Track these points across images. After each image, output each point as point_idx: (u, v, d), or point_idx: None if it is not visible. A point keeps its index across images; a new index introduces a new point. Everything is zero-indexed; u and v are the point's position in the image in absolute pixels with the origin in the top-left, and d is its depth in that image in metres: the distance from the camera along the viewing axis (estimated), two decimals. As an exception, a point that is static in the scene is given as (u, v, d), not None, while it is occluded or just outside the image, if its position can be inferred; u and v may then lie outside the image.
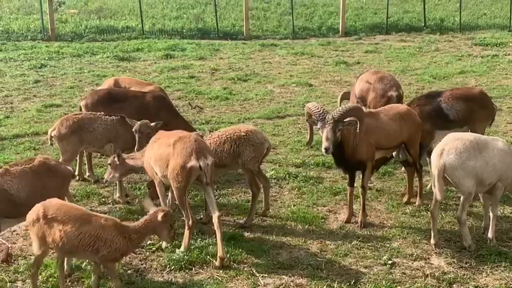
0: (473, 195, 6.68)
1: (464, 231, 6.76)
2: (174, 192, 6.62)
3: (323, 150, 6.89)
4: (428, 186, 8.33)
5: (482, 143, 6.65)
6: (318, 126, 6.95)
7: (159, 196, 7.06)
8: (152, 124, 7.77)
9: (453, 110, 8.32)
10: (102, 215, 5.90)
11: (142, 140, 7.65)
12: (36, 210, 5.64)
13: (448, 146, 6.59)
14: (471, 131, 8.28)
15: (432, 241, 6.85)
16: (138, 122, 7.74)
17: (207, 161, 6.46)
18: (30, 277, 5.88)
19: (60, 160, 7.50)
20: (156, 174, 6.89)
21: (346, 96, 10.51)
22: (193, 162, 6.40)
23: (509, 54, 18.37)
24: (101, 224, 5.63)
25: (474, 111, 8.39)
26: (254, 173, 7.44)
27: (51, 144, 8.12)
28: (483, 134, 8.23)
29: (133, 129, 7.74)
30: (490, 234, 6.88)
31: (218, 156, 7.25)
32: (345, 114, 6.88)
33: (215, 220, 6.53)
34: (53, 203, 5.73)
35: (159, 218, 5.76)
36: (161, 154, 6.73)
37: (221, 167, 7.39)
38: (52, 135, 7.94)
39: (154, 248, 6.77)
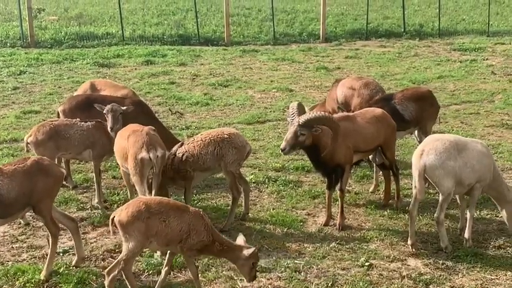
0: (451, 195, 6.77)
1: (441, 232, 6.82)
2: (136, 187, 6.84)
3: (280, 150, 7.09)
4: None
5: (462, 144, 6.77)
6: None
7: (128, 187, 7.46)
8: (124, 108, 7.95)
9: (408, 110, 8.60)
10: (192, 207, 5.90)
11: (115, 119, 7.81)
12: (136, 206, 5.52)
13: (428, 147, 6.71)
14: (421, 130, 8.55)
15: (409, 241, 6.89)
16: (108, 105, 7.91)
17: (157, 153, 6.78)
18: (127, 279, 5.73)
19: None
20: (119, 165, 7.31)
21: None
22: (143, 154, 6.74)
23: (487, 59, 18.61)
24: (193, 213, 5.66)
25: (424, 109, 8.70)
26: (235, 176, 7.47)
27: (28, 151, 8.06)
28: (430, 133, 8.44)
29: (104, 112, 7.85)
30: (466, 235, 6.95)
31: (202, 158, 7.34)
32: (310, 120, 6.98)
33: None
34: (148, 198, 5.81)
35: (246, 254, 5.59)
36: (119, 147, 7.19)
37: (205, 171, 7.47)
38: (28, 141, 7.85)
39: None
